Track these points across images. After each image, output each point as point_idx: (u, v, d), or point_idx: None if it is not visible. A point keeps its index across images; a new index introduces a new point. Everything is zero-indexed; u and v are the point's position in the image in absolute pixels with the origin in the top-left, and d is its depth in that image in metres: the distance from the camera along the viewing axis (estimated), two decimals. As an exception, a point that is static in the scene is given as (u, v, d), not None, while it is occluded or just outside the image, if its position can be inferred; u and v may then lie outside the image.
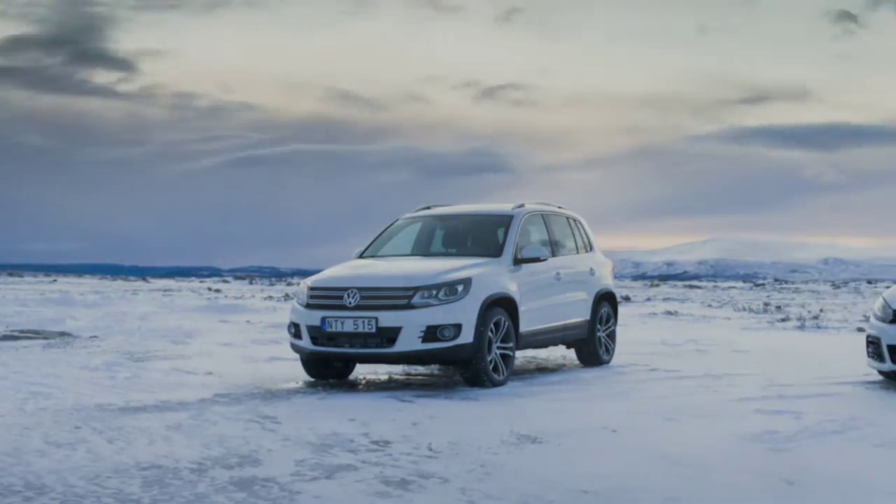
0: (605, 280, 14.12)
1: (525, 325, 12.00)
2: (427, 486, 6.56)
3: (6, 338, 16.51)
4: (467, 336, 11.05)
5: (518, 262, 12.14)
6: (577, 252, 13.74)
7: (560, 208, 13.87)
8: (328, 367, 11.93)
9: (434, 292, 11.05)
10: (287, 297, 32.80)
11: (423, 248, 12.95)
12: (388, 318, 10.98)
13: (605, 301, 13.99)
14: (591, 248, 14.16)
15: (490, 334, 11.29)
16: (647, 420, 9.05)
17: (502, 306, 11.59)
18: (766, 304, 32.06)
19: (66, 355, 13.95)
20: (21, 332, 17.59)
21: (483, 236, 12.71)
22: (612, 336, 14.11)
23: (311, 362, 11.86)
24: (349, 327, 11.08)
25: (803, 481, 6.74)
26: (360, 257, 12.88)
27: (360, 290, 11.19)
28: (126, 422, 8.78)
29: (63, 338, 16.53)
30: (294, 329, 11.65)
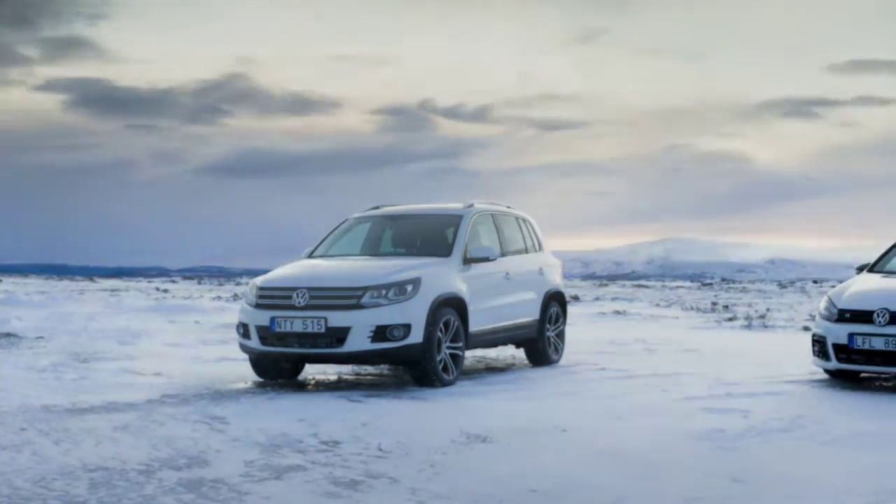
0: (555, 280, 14.15)
1: (474, 325, 12.00)
2: (376, 487, 6.55)
3: (-50, 339, 16.29)
4: (417, 336, 11.05)
5: (467, 261, 12.14)
6: (527, 252, 13.76)
7: (509, 208, 13.88)
8: (277, 368, 11.87)
9: (383, 292, 11.04)
10: (236, 297, 32.57)
11: (372, 248, 12.91)
12: (337, 318, 10.95)
13: (555, 301, 14.02)
14: (541, 248, 14.18)
15: (439, 334, 11.28)
16: (597, 419, 9.09)
17: (452, 306, 11.60)
18: (713, 303, 32.24)
19: (12, 356, 13.78)
20: (-35, 333, 17.35)
21: (432, 236, 12.70)
22: (561, 336, 14.14)
23: (260, 362, 11.79)
24: (298, 327, 11.04)
25: (751, 479, 6.81)
26: (310, 257, 12.82)
27: (310, 289, 11.15)
28: (73, 423, 8.70)
29: (8, 338, 16.31)
30: (243, 329, 11.58)
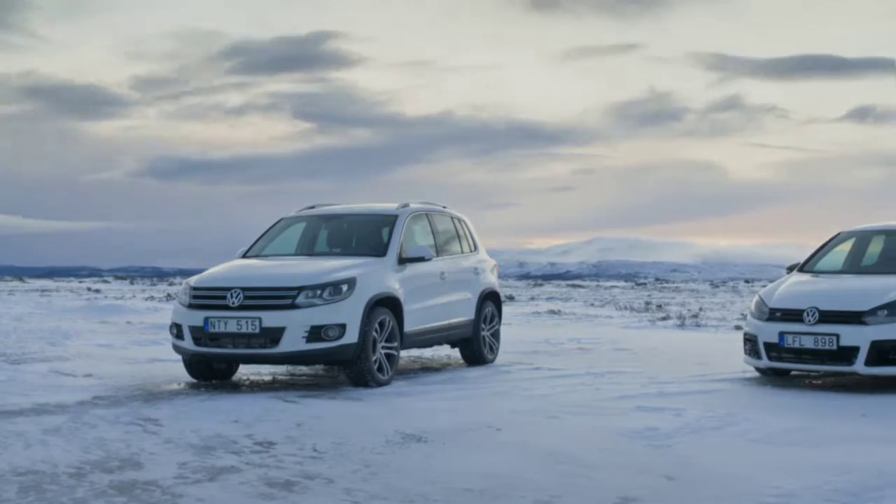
0: (490, 279, 14.19)
1: (410, 325, 12.00)
2: (312, 488, 6.53)
3: None
4: (352, 336, 11.02)
5: (403, 261, 12.13)
6: (462, 252, 13.78)
7: (445, 208, 13.90)
8: (211, 369, 11.78)
9: (318, 292, 11.00)
10: (169, 297, 32.35)
11: (307, 248, 12.86)
12: (271, 319, 10.89)
13: (490, 300, 14.06)
14: (476, 248, 14.21)
15: (375, 334, 11.27)
16: (531, 418, 9.14)
17: (387, 306, 11.58)
18: (647, 303, 32.56)
19: (-61, 358, 13.56)
20: None
21: (367, 236, 12.69)
22: (496, 335, 14.18)
23: (193, 363, 11.69)
24: (232, 328, 10.96)
25: (683, 476, 6.88)
26: (244, 257, 12.73)
27: (244, 289, 11.08)
28: (1, 426, 8.57)
29: (-65, 340, 16.06)
30: (176, 330, 11.48)
